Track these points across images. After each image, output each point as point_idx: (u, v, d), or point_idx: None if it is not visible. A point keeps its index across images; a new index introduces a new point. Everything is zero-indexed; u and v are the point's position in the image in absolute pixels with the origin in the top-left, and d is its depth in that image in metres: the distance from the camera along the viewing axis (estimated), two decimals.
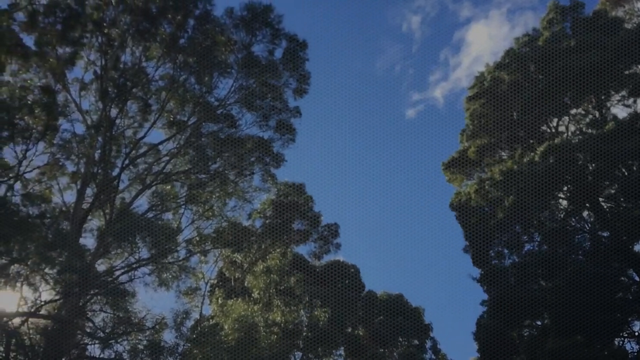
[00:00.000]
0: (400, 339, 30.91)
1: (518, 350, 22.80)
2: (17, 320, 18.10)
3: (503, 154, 25.64)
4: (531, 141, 24.49)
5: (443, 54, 39.38)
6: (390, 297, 31.91)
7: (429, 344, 31.74)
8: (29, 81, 21.27)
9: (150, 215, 22.45)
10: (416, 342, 31.29)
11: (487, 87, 25.31)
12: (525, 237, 22.96)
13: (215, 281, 27.33)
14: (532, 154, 22.76)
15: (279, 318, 23.85)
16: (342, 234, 28.85)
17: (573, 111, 24.93)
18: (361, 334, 30.81)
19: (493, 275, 22.49)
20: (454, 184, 27.42)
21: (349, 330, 29.84)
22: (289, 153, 24.50)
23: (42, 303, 17.93)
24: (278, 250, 26.01)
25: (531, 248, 22.95)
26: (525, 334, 23.36)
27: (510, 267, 22.72)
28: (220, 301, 24.02)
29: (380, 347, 30.58)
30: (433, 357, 31.58)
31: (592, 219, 22.75)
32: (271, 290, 25.03)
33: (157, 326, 19.26)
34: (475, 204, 23.67)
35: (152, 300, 39.08)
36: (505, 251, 23.16)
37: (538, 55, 24.51)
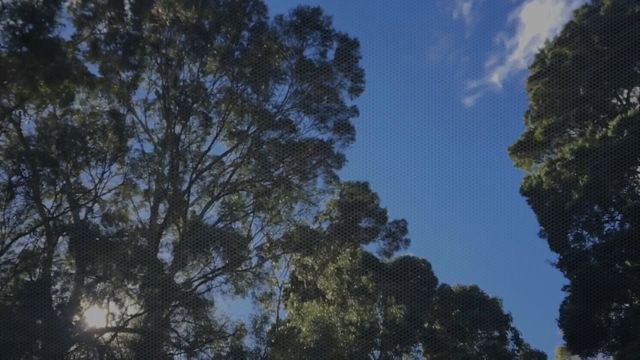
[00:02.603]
0: (480, 331, 30.18)
1: (607, 334, 21.77)
2: (107, 336, 19.05)
3: (572, 132, 24.61)
4: (602, 116, 23.39)
5: (497, 37, 38.18)
6: (464, 290, 31.24)
7: (509, 334, 30.79)
8: (97, 107, 22.37)
9: (220, 225, 23.00)
10: (496, 333, 30.45)
11: (549, 65, 24.37)
12: (605, 217, 21.90)
13: (289, 285, 27.64)
14: (604, 129, 21.71)
15: (354, 317, 23.83)
16: (410, 228, 28.52)
17: None
18: (438, 328, 30.35)
19: (573, 259, 21.58)
20: (523, 168, 26.56)
21: (426, 325, 29.45)
22: (350, 152, 24.50)
23: (129, 317, 18.77)
24: (347, 250, 26.00)
25: (612, 228, 21.87)
26: (613, 317, 22.27)
27: (591, 249, 21.73)
28: (295, 304, 24.27)
29: (460, 341, 29.98)
30: (515, 347, 30.61)
31: None
32: (344, 291, 25.06)
33: (237, 333, 19.71)
34: (547, 187, 22.79)
35: (230, 308, 39.81)
36: (585, 233, 22.16)
37: (601, 25, 23.36)
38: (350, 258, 25.71)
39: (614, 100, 24.12)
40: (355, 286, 24.68)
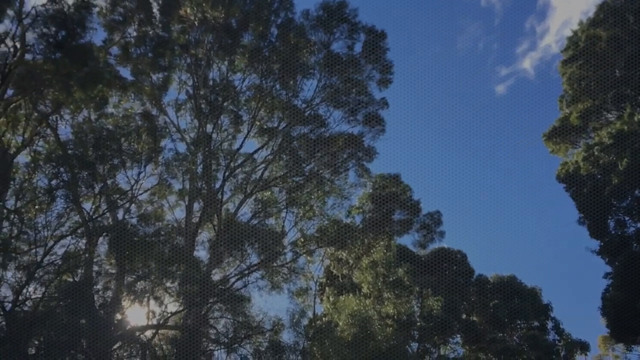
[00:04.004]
0: (519, 322, 29.71)
1: None
2: (148, 333, 19.45)
3: (610, 115, 23.89)
4: None
5: (528, 22, 37.31)
6: (502, 280, 30.76)
7: (550, 324, 30.22)
8: (129, 110, 22.77)
9: (254, 222, 23.18)
10: (536, 323, 29.92)
11: (583, 47, 23.70)
12: None
13: (324, 279, 27.67)
14: None
15: (391, 310, 23.72)
16: (444, 219, 28.16)
17: None
18: (476, 319, 29.98)
19: (615, 246, 21.02)
20: (559, 155, 25.93)
21: (464, 316, 29.13)
22: (380, 145, 24.34)
23: (169, 315, 19.12)
24: (381, 243, 25.88)
25: None
26: None
27: (634, 235, 21.12)
28: (331, 298, 24.29)
29: (499, 332, 29.58)
30: (556, 337, 30.03)
31: None
32: (380, 284, 24.96)
33: (275, 328, 19.88)
34: (585, 172, 22.22)
35: (267, 304, 39.97)
36: (626, 218, 21.54)
37: (636, 5, 22.63)
38: (384, 251, 25.58)
39: None
40: (391, 279, 24.55)
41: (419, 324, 25.77)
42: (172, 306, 19.41)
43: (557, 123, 25.71)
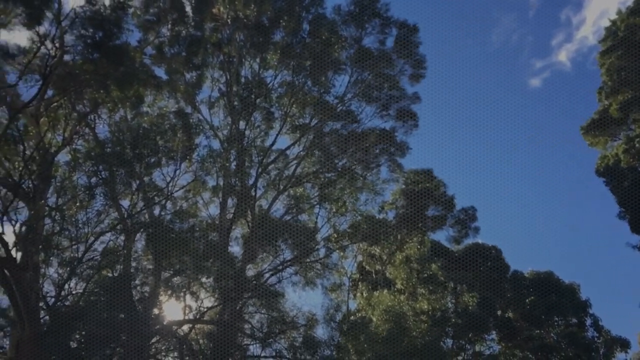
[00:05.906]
0: (556, 319, 29.16)
1: None
2: (185, 327, 19.78)
3: None
4: None
5: (563, 13, 36.45)
6: (539, 276, 30.22)
7: (589, 321, 29.58)
8: (164, 108, 23.13)
9: (287, 218, 23.29)
10: (574, 320, 29.32)
11: (623, 37, 23.01)
12: None
13: (357, 275, 27.66)
14: None
15: (425, 306, 23.58)
16: (478, 214, 27.78)
17: None
18: (512, 316, 29.55)
19: None
20: (598, 148, 25.28)
21: (499, 313, 28.75)
22: (413, 140, 24.15)
23: (205, 310, 19.40)
24: (415, 239, 25.72)
25: None
26: None
27: None
28: (365, 294, 24.28)
29: (535, 329, 29.08)
30: (595, 334, 29.37)
31: None
32: (413, 280, 24.84)
33: (309, 323, 19.98)
34: (626, 165, 21.63)
35: (301, 299, 40.18)
36: None
37: None
38: (418, 246, 25.43)
39: None
40: (425, 274, 24.40)
41: (453, 320, 25.54)
42: (208, 301, 19.71)
43: (596, 115, 25.08)
